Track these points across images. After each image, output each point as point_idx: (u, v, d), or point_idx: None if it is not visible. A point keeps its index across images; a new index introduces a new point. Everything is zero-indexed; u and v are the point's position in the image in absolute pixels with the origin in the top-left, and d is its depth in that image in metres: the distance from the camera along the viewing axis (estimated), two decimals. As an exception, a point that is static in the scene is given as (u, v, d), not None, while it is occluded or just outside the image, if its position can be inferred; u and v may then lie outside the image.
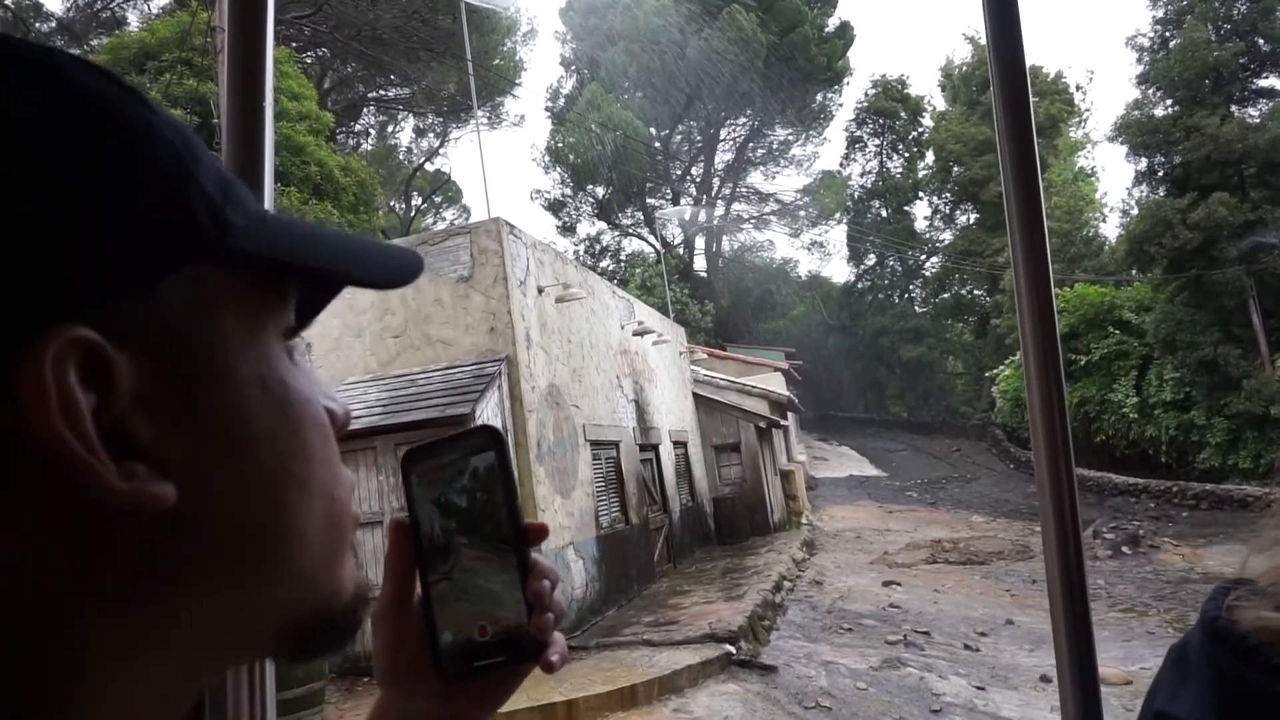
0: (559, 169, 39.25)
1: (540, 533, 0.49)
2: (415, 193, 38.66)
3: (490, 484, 0.49)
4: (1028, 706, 7.73)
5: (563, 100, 39.99)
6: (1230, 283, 21.03)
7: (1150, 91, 23.87)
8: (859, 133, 43.22)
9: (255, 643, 0.37)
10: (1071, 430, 1.01)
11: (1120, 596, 12.53)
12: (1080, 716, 0.94)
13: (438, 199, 39.92)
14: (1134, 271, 25.38)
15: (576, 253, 39.85)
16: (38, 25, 23.23)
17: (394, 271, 0.41)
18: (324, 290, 0.42)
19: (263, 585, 0.35)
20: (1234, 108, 22.95)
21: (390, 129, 36.42)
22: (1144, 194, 25.18)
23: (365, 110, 33.45)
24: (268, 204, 0.90)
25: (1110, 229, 35.88)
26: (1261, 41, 22.77)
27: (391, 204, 35.95)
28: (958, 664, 9.09)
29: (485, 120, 32.92)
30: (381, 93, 32.32)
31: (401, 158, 37.47)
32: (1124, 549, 15.45)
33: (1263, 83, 23.54)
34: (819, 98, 40.45)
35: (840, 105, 43.75)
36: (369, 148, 34.57)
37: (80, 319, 0.28)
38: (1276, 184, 21.29)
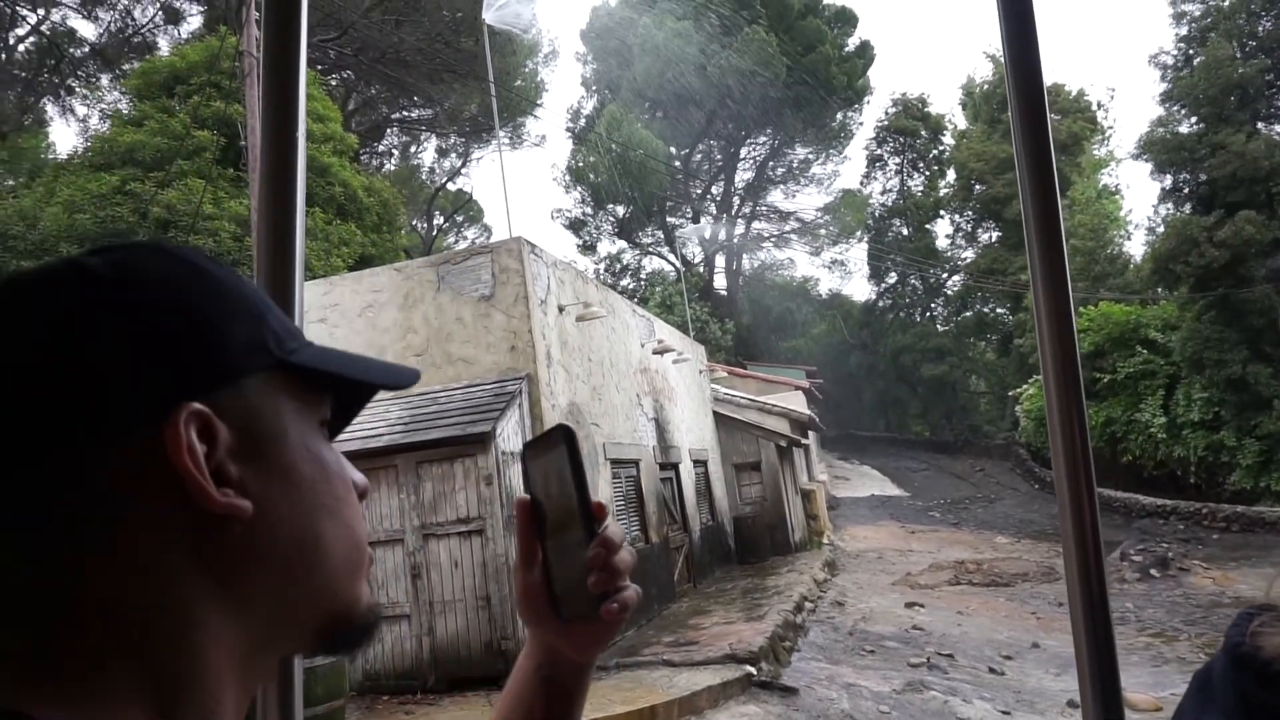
0: (580, 188, 39.51)
1: (601, 511, 0.64)
2: (437, 212, 39.06)
3: (562, 475, 0.63)
4: (1054, 732, 7.60)
5: (583, 120, 40.35)
6: (1259, 301, 20.73)
7: (1174, 109, 23.70)
8: (879, 151, 43.21)
9: (299, 633, 0.52)
10: (1094, 450, 1.01)
11: (1149, 620, 12.31)
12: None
13: (459, 218, 40.30)
14: (1160, 290, 25.10)
15: (597, 271, 40.06)
16: (71, 50, 23.77)
17: (391, 379, 0.58)
18: (351, 398, 0.59)
19: (304, 584, 0.50)
20: (1260, 125, 22.73)
21: (413, 149, 36.89)
22: (1169, 212, 24.95)
23: (389, 131, 33.90)
24: (299, 227, 0.92)
25: (1135, 247, 35.56)
26: (1287, 59, 22.57)
27: (414, 223, 36.32)
28: (982, 688, 8.96)
29: (507, 140, 33.25)
30: (405, 114, 32.75)
31: (424, 177, 37.90)
32: (1153, 571, 15.19)
33: (1289, 100, 23.32)
34: (839, 116, 40.53)
35: (861, 124, 43.74)
36: (392, 168, 35.00)
37: (199, 400, 0.46)
38: (1305, 201, 21.03)
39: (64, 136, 73.49)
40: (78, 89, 24.38)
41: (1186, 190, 23.58)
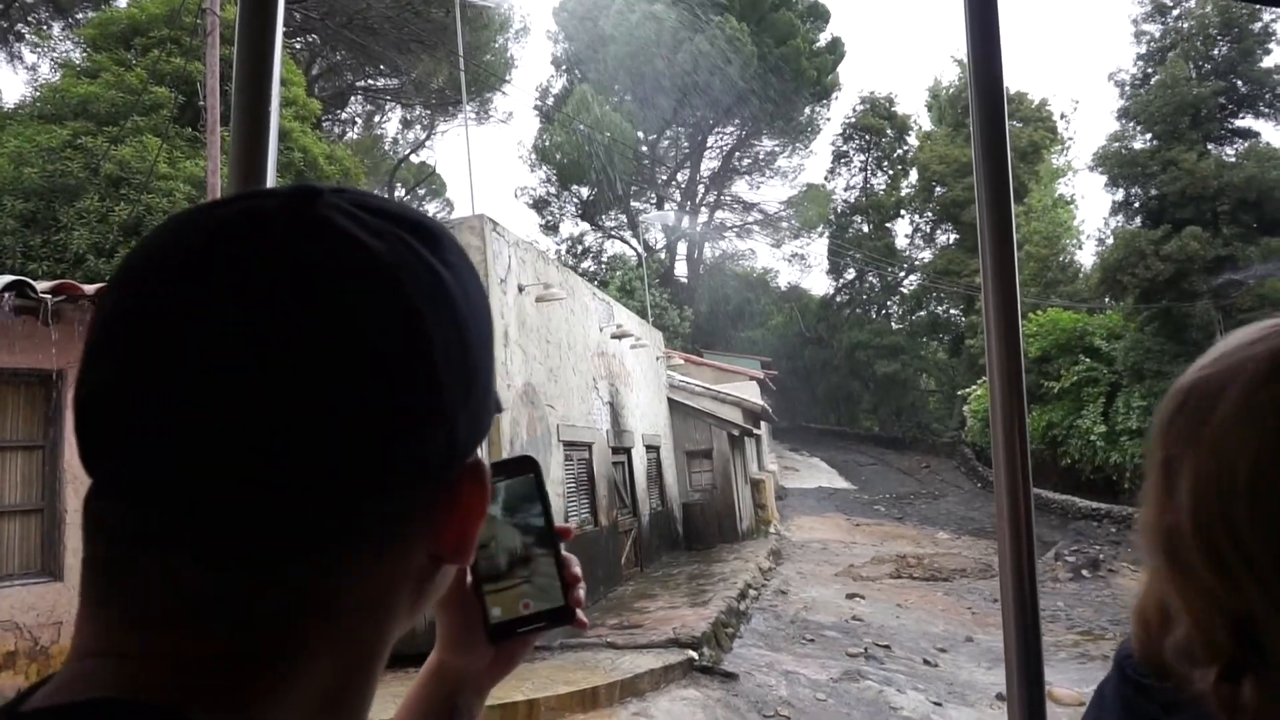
0: (545, 167, 39.19)
1: (567, 533, 0.67)
2: (399, 184, 38.42)
3: (530, 499, 0.66)
4: (983, 723, 7.83)
5: (552, 99, 39.96)
6: (1199, 315, 21.42)
7: (1130, 125, 24.30)
8: (845, 148, 43.50)
9: None
10: (1036, 453, 1.05)
11: (1078, 619, 12.71)
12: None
13: (421, 191, 39.71)
14: (1107, 299, 25.77)
15: (558, 252, 39.81)
16: (22, -6, 22.86)
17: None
18: None
19: None
20: (1211, 145, 23.41)
21: (377, 119, 36.20)
22: (1120, 224, 25.60)
23: (353, 99, 33.22)
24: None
25: (1086, 256, 36.36)
26: (1240, 83, 23.25)
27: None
28: (916, 679, 9.18)
29: (473, 115, 32.81)
30: (370, 82, 32.11)
31: (387, 148, 37.24)
32: (1084, 572, 15.67)
33: (1240, 122, 24.04)
34: (807, 111, 40.69)
35: (828, 119, 43.97)
36: (355, 136, 34.34)
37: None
38: (1248, 221, 21.74)
39: (10, 85, 70.77)
40: (27, 35, 23.48)
41: (1137, 204, 24.22)
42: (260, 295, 0.37)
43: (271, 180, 0.92)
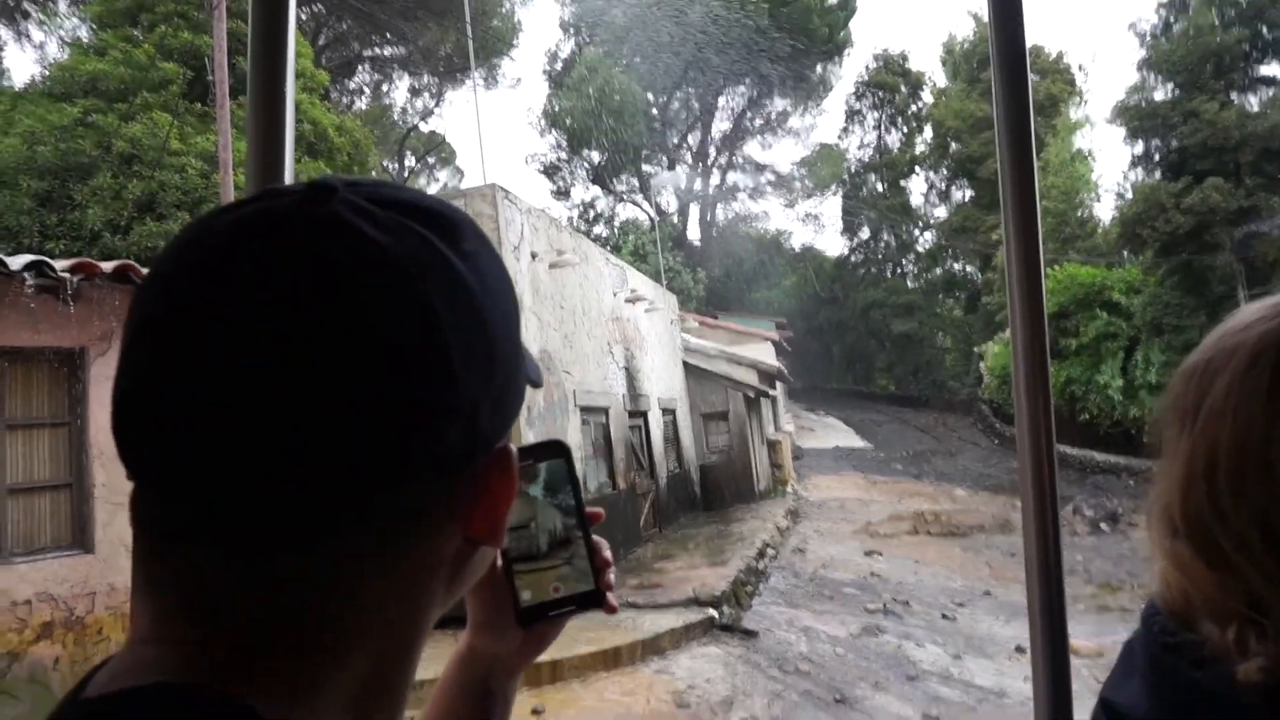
0: (555, 133, 38.92)
1: (598, 517, 0.67)
2: (409, 153, 38.29)
3: (560, 483, 0.66)
4: (1001, 675, 7.91)
5: (561, 64, 39.56)
6: (1220, 269, 21.11)
7: (1151, 76, 23.78)
8: (858, 106, 42.97)
9: None
10: (1056, 408, 1.05)
11: (1097, 572, 12.74)
12: (1051, 685, 0.99)
13: (431, 160, 39.58)
14: (1126, 254, 25.44)
15: (570, 218, 39.68)
16: (26, -31, 22.74)
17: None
18: None
19: None
20: (1234, 94, 22.90)
21: (385, 88, 36.02)
22: (1139, 177, 25.19)
23: (360, 68, 33.03)
24: (288, 168, 0.91)
25: (1105, 210, 35.93)
26: (1265, 29, 22.64)
27: (385, 164, 35.63)
28: (935, 633, 9.26)
29: (482, 82, 32.57)
30: (377, 51, 31.90)
31: (396, 117, 37.07)
32: (1102, 526, 15.67)
33: (1265, 70, 23.48)
34: (819, 69, 40.12)
35: (840, 77, 43.55)
36: (363, 106, 34.18)
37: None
38: (1272, 172, 21.32)
39: (19, 64, 70.72)
40: (34, 14, 23.40)
41: (1158, 156, 23.79)
42: (277, 294, 0.38)
43: (289, 153, 0.92)
